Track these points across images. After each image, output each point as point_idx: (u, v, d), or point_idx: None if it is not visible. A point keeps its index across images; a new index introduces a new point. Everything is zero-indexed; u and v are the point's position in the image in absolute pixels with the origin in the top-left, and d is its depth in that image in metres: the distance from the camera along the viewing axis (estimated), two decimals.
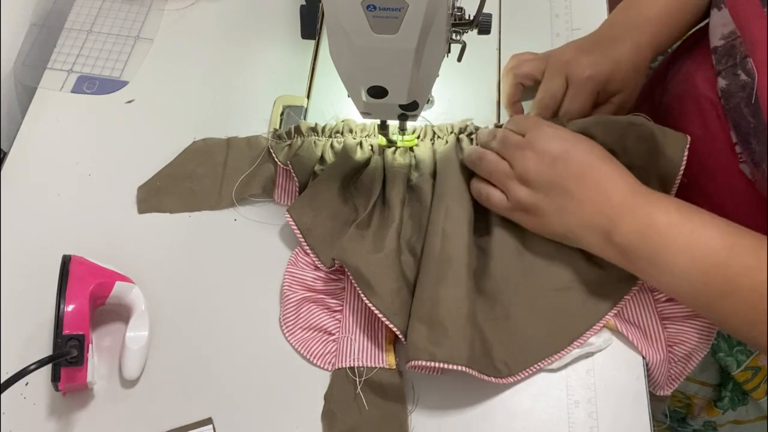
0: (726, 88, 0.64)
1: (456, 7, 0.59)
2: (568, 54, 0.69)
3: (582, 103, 0.68)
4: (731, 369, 0.78)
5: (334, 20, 0.52)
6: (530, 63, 0.72)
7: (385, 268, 0.61)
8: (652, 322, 0.62)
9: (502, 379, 0.59)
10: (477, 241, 0.64)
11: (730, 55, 0.64)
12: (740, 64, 0.63)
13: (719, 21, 0.66)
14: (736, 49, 0.64)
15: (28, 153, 0.74)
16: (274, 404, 0.61)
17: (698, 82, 0.69)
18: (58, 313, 0.57)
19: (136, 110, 0.77)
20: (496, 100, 0.77)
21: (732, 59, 0.64)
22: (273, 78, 0.79)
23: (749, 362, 0.78)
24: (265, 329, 0.64)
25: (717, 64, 0.66)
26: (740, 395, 0.82)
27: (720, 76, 0.65)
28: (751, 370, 0.79)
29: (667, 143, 0.62)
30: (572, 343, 0.61)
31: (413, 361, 0.57)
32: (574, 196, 0.59)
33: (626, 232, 0.57)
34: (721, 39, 0.65)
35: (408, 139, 0.70)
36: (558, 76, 0.68)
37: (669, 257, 0.55)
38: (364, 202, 0.67)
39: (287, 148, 0.70)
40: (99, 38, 0.82)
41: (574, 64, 0.68)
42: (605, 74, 0.68)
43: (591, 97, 0.68)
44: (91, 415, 0.60)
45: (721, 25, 0.66)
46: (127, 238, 0.69)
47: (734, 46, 0.64)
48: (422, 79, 0.58)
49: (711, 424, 0.87)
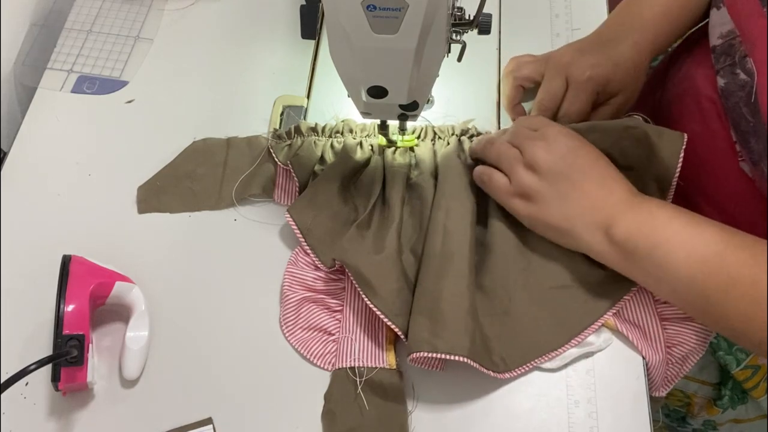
0: (725, 87, 0.64)
1: (456, 7, 0.59)
2: (567, 55, 0.69)
3: (582, 105, 0.68)
4: (731, 367, 0.78)
5: (334, 20, 0.52)
6: (530, 65, 0.72)
7: (385, 268, 0.61)
8: (652, 323, 0.62)
9: (500, 374, 0.59)
10: (477, 236, 0.64)
11: (728, 54, 0.64)
12: (739, 63, 0.63)
13: (718, 20, 0.66)
14: (734, 48, 0.64)
15: (28, 153, 0.74)
16: (274, 404, 0.61)
17: (698, 80, 0.69)
18: (58, 313, 0.57)
19: (136, 110, 0.77)
20: (496, 100, 0.77)
21: (731, 58, 0.64)
22: (273, 78, 0.79)
23: (749, 361, 0.78)
24: (265, 329, 0.64)
25: (716, 63, 0.66)
26: (740, 394, 0.82)
27: (719, 75, 0.65)
28: (751, 369, 0.79)
29: (662, 145, 0.62)
30: (569, 341, 0.61)
31: (414, 353, 0.57)
32: (579, 187, 0.59)
33: (626, 226, 0.57)
34: (720, 38, 0.65)
35: (408, 139, 0.70)
36: (558, 77, 0.68)
37: (669, 251, 0.55)
38: (364, 202, 0.67)
39: (287, 148, 0.70)
40: (99, 38, 0.82)
41: (574, 66, 0.68)
42: (605, 75, 0.68)
43: (590, 98, 0.68)
44: (91, 415, 0.60)
45: (720, 24, 0.66)
46: (127, 238, 0.69)
47: (733, 45, 0.64)
48: (422, 79, 0.58)
49: (711, 423, 0.87)
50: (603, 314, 0.61)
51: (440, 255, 0.61)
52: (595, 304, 0.62)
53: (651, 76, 0.83)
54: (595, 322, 0.61)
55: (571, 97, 0.68)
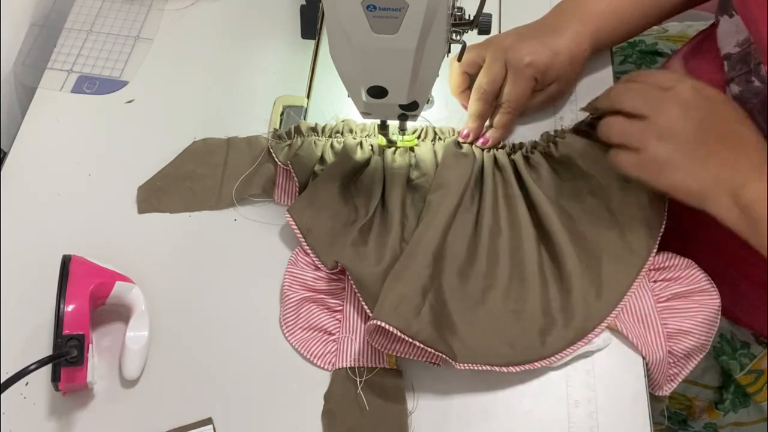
0: (739, 94, 0.64)
1: (456, 7, 0.59)
2: (508, 40, 0.69)
3: (521, 89, 0.68)
4: (734, 372, 0.78)
5: (334, 20, 0.53)
6: (472, 51, 0.70)
7: (385, 279, 0.61)
8: (652, 321, 0.62)
9: (456, 362, 0.58)
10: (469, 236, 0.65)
11: (744, 62, 0.64)
12: (754, 71, 0.62)
13: (732, 28, 0.66)
14: (750, 56, 0.63)
15: (28, 153, 0.74)
16: (274, 404, 0.61)
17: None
18: (58, 313, 0.57)
19: (136, 110, 0.77)
20: None
21: (746, 66, 0.63)
22: (273, 78, 0.79)
23: (752, 365, 0.78)
24: (265, 329, 0.64)
25: (730, 71, 0.65)
26: (741, 397, 0.82)
27: (733, 82, 0.65)
28: (754, 374, 0.79)
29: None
30: (518, 365, 0.60)
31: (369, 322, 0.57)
32: (714, 153, 0.56)
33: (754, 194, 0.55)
34: (737, 46, 0.65)
35: (408, 139, 0.70)
36: (497, 61, 0.68)
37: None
38: (364, 203, 0.67)
39: (287, 148, 0.70)
40: (99, 38, 0.82)
41: (513, 51, 0.68)
42: (544, 62, 0.68)
43: (530, 84, 0.68)
44: (91, 415, 0.60)
45: (735, 32, 0.65)
46: (127, 238, 0.69)
47: (749, 53, 0.63)
48: (422, 79, 0.58)
49: (712, 426, 0.87)
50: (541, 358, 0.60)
51: (412, 240, 0.62)
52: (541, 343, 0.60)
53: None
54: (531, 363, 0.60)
55: (510, 81, 0.68)
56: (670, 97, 0.58)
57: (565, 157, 0.66)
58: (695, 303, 0.62)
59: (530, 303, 0.61)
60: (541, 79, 0.69)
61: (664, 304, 0.63)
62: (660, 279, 0.64)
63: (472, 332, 0.60)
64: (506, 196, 0.67)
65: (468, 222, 0.65)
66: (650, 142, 0.58)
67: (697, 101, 0.57)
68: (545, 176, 0.67)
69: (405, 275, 0.59)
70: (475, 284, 0.63)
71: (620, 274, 0.62)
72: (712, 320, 0.62)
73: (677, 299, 0.63)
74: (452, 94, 0.75)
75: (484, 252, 0.64)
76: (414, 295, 0.58)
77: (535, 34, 0.69)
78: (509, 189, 0.67)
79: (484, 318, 0.61)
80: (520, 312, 0.61)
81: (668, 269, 0.64)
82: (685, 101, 0.57)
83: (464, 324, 0.60)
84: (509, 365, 0.59)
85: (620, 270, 0.62)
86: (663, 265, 0.64)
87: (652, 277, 0.64)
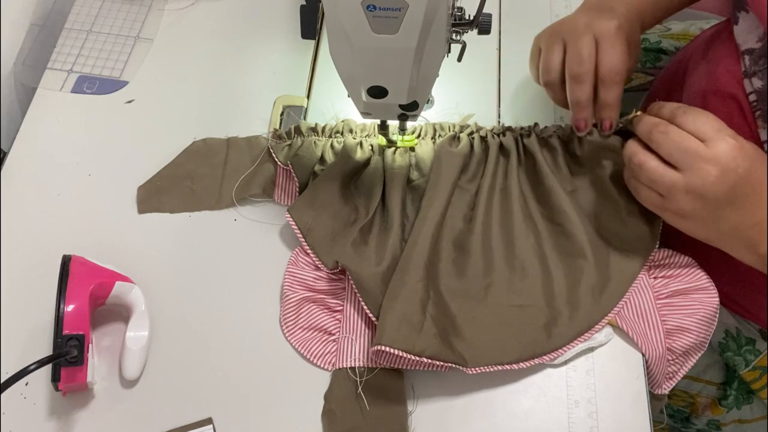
0: (762, 88, 0.64)
1: (456, 7, 0.59)
2: (583, 17, 0.65)
3: (621, 53, 0.63)
4: (739, 368, 0.78)
5: (334, 20, 0.52)
6: (550, 56, 0.66)
7: (385, 280, 0.61)
8: (652, 318, 0.62)
9: (465, 368, 0.59)
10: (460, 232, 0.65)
11: (766, 56, 0.63)
12: None
13: (752, 23, 0.66)
14: None
15: (28, 153, 0.74)
16: (274, 404, 0.61)
17: (721, 79, 0.68)
18: (58, 313, 0.57)
19: (136, 110, 0.77)
20: (496, 100, 0.77)
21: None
22: (273, 78, 0.79)
23: (757, 362, 0.78)
24: (265, 329, 0.64)
25: (752, 65, 0.65)
26: (745, 394, 0.82)
27: (756, 76, 0.64)
28: (759, 370, 0.79)
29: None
30: (527, 360, 0.60)
31: (374, 347, 0.57)
32: (739, 212, 0.57)
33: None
34: (759, 41, 0.65)
35: (408, 139, 0.70)
36: (585, 35, 0.64)
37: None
38: (364, 203, 0.67)
39: (287, 148, 0.70)
40: (99, 38, 0.82)
41: (598, 23, 0.64)
42: (626, 29, 0.65)
43: (625, 48, 0.64)
44: (91, 415, 0.61)
45: (756, 27, 0.65)
46: (127, 238, 0.69)
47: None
48: (422, 79, 0.58)
49: (715, 422, 0.87)
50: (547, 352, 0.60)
51: (404, 254, 0.62)
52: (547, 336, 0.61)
53: (665, 79, 0.82)
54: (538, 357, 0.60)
55: (608, 50, 0.63)
56: (709, 158, 0.56)
57: (586, 152, 0.66)
58: (695, 300, 0.63)
59: (533, 297, 0.62)
60: (629, 46, 0.65)
61: (663, 301, 0.63)
62: (660, 276, 0.64)
63: (478, 331, 0.60)
64: (503, 189, 0.67)
65: (459, 218, 0.66)
66: (678, 195, 0.57)
67: (736, 163, 0.56)
68: (561, 164, 0.67)
69: (401, 293, 0.59)
70: (474, 282, 0.63)
71: (626, 268, 0.63)
72: (711, 318, 0.62)
73: (677, 296, 0.63)
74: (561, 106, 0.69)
75: (478, 247, 0.64)
76: (413, 312, 0.58)
77: (600, 9, 0.66)
78: (508, 180, 0.67)
79: (488, 315, 0.61)
80: (524, 306, 0.61)
81: (668, 266, 0.64)
82: (725, 165, 0.56)
83: (469, 325, 0.60)
84: (519, 361, 0.59)
85: (626, 264, 0.63)
86: (663, 262, 0.64)
87: (653, 273, 0.64)
